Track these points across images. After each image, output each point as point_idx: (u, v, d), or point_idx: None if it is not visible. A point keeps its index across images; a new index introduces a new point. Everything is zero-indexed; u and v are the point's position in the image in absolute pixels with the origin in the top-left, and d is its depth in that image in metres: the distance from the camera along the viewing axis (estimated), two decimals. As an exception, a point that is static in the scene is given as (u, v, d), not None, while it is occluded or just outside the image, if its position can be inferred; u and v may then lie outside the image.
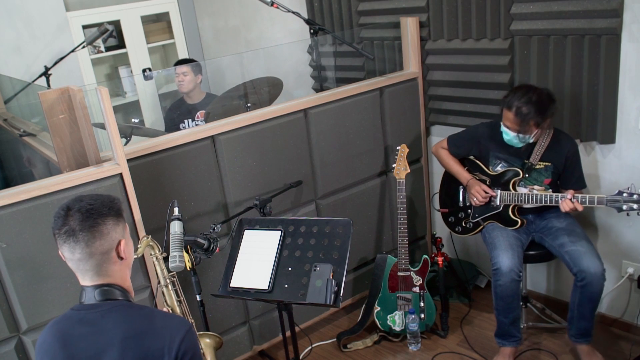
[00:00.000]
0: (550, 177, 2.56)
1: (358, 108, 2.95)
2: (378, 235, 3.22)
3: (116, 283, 1.46)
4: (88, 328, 1.40)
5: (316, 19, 3.62)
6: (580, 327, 2.50)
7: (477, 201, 2.65)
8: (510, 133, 2.47)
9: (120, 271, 1.48)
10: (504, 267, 2.46)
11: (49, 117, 2.13)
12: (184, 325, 1.43)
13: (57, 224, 1.40)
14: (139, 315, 1.43)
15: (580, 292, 2.41)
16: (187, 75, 3.68)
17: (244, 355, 2.86)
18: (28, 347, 2.16)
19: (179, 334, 1.40)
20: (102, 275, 1.44)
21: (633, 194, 2.24)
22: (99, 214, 1.41)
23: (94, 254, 1.41)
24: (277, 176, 2.75)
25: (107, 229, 1.42)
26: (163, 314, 1.49)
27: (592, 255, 2.38)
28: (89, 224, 1.39)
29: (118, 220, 1.46)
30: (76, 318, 1.43)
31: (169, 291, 1.98)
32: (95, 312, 1.41)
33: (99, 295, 1.43)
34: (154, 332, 1.39)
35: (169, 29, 4.82)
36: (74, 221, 1.39)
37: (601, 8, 2.38)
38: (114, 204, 1.47)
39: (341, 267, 2.09)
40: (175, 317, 1.48)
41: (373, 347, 2.96)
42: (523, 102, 2.38)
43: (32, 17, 4.11)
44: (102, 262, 1.43)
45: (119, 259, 1.46)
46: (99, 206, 1.42)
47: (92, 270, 1.43)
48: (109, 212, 1.44)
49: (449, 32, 2.97)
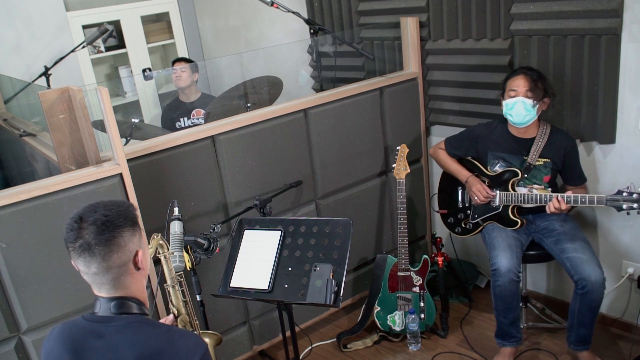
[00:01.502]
0: (549, 174, 2.56)
1: (358, 108, 2.95)
2: (378, 235, 3.22)
3: (133, 296, 1.41)
4: (101, 342, 1.34)
5: (316, 19, 3.62)
6: (579, 334, 2.50)
7: (478, 200, 2.65)
8: (520, 98, 2.46)
9: (137, 282, 1.42)
10: (502, 268, 2.46)
11: (49, 117, 2.13)
12: (200, 347, 1.38)
13: (71, 237, 1.33)
14: (155, 334, 1.37)
15: (581, 300, 2.41)
16: (184, 72, 3.75)
17: (244, 355, 2.86)
18: (28, 347, 2.16)
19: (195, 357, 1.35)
20: (119, 288, 1.38)
21: (633, 193, 2.24)
22: (115, 225, 1.34)
23: (111, 268, 1.35)
24: (277, 176, 2.75)
25: (124, 241, 1.35)
26: (180, 334, 1.42)
27: (593, 264, 2.37)
28: (105, 237, 1.32)
29: (134, 230, 1.39)
30: (88, 329, 1.37)
31: (176, 291, 1.95)
32: (110, 327, 1.35)
33: (114, 308, 1.37)
34: (170, 353, 1.34)
35: (169, 29, 4.82)
36: (89, 234, 1.32)
37: (601, 8, 2.37)
38: (130, 212, 1.40)
39: (341, 267, 2.09)
40: (192, 338, 1.41)
41: (373, 347, 2.96)
42: (527, 68, 2.51)
43: (32, 17, 4.11)
44: (120, 274, 1.37)
45: (137, 270, 1.40)
46: (114, 217, 1.35)
47: (109, 284, 1.37)
48: (125, 223, 1.37)
49: (449, 32, 2.97)
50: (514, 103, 2.48)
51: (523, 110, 2.47)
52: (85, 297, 2.18)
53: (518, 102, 2.46)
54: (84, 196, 2.11)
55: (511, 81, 2.51)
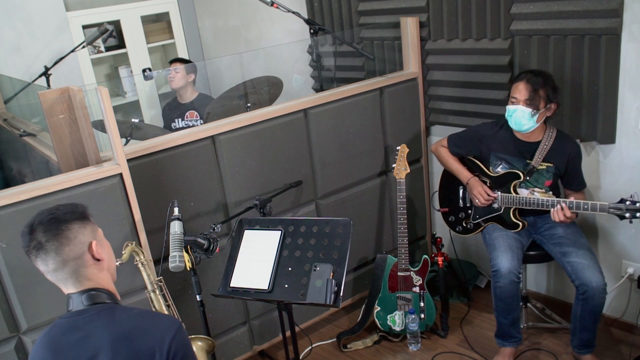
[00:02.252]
0: (551, 179, 2.56)
1: (358, 108, 2.95)
2: (378, 235, 3.22)
3: (102, 287, 1.45)
4: (77, 334, 1.38)
5: (316, 19, 3.62)
6: (582, 338, 2.50)
7: (479, 203, 2.64)
8: (519, 107, 2.44)
9: (101, 274, 1.46)
10: (503, 269, 2.46)
11: (49, 117, 2.13)
12: (173, 324, 1.42)
13: (25, 241, 1.40)
14: (127, 316, 1.42)
15: (582, 304, 2.41)
16: (178, 72, 3.71)
17: (244, 355, 2.86)
18: (28, 347, 2.16)
19: (169, 333, 1.38)
20: (83, 280, 1.43)
21: (636, 202, 2.21)
22: (61, 220, 1.41)
23: (67, 261, 1.40)
24: (277, 176, 2.75)
25: (73, 234, 1.41)
26: (151, 314, 1.47)
27: (594, 269, 2.37)
28: (53, 232, 1.39)
29: (84, 223, 1.45)
30: (65, 326, 1.41)
31: (157, 296, 2.02)
32: (83, 318, 1.40)
33: (86, 300, 1.42)
34: (144, 332, 1.38)
35: (169, 29, 4.82)
36: (39, 233, 1.38)
37: (601, 8, 2.38)
38: (77, 208, 1.46)
39: (341, 267, 2.09)
40: (164, 316, 1.47)
41: (373, 347, 2.96)
42: (532, 73, 2.44)
43: (32, 17, 4.11)
44: (78, 267, 1.42)
45: (96, 261, 1.45)
46: (60, 214, 1.42)
47: (70, 278, 1.42)
48: (72, 217, 1.43)
49: (449, 32, 2.97)
50: (514, 111, 2.47)
51: (522, 118, 2.45)
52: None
53: (517, 110, 2.45)
54: (84, 196, 2.11)
55: (514, 87, 2.48)
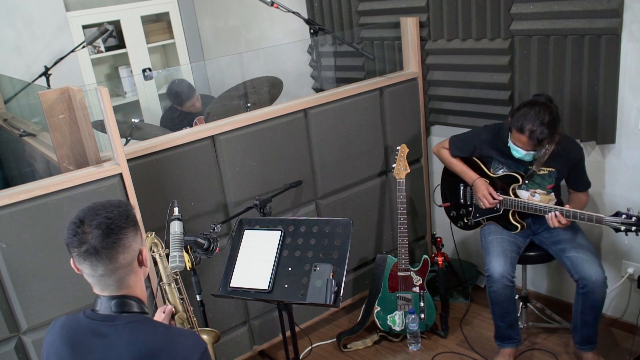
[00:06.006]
0: (553, 183, 2.55)
1: (358, 108, 2.95)
2: (378, 235, 3.22)
3: (135, 294, 1.42)
4: (100, 341, 1.35)
5: (316, 19, 3.62)
6: (583, 334, 2.49)
7: (483, 206, 2.64)
8: (522, 152, 2.43)
9: (140, 281, 1.44)
10: (495, 274, 2.47)
11: (49, 117, 2.13)
12: (200, 346, 1.38)
13: (74, 242, 1.33)
14: (153, 332, 1.38)
15: (582, 299, 2.40)
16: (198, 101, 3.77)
17: (244, 355, 2.86)
18: (28, 347, 2.16)
19: (194, 356, 1.34)
20: (124, 287, 1.39)
21: (632, 216, 2.21)
22: (119, 227, 1.35)
23: (117, 269, 1.36)
24: (277, 176, 2.75)
25: (128, 242, 1.37)
26: (178, 333, 1.42)
27: (593, 263, 2.37)
28: (112, 241, 1.33)
29: (136, 230, 1.41)
30: (89, 327, 1.37)
31: (172, 289, 1.95)
32: (109, 325, 1.36)
33: (115, 306, 1.37)
34: (168, 352, 1.34)
35: (169, 29, 4.82)
36: (95, 239, 1.32)
37: (601, 8, 2.37)
38: (130, 212, 1.41)
39: (341, 267, 2.09)
40: (190, 337, 1.40)
41: (373, 347, 2.96)
42: (537, 125, 2.30)
43: (32, 17, 4.11)
44: (126, 274, 1.38)
45: (140, 268, 1.43)
46: (117, 218, 1.35)
47: (114, 284, 1.38)
48: (128, 224, 1.38)
49: (449, 32, 2.97)
50: (519, 151, 2.45)
51: (526, 156, 2.46)
52: (85, 296, 2.18)
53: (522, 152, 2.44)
54: (84, 196, 2.11)
55: (517, 135, 2.39)
